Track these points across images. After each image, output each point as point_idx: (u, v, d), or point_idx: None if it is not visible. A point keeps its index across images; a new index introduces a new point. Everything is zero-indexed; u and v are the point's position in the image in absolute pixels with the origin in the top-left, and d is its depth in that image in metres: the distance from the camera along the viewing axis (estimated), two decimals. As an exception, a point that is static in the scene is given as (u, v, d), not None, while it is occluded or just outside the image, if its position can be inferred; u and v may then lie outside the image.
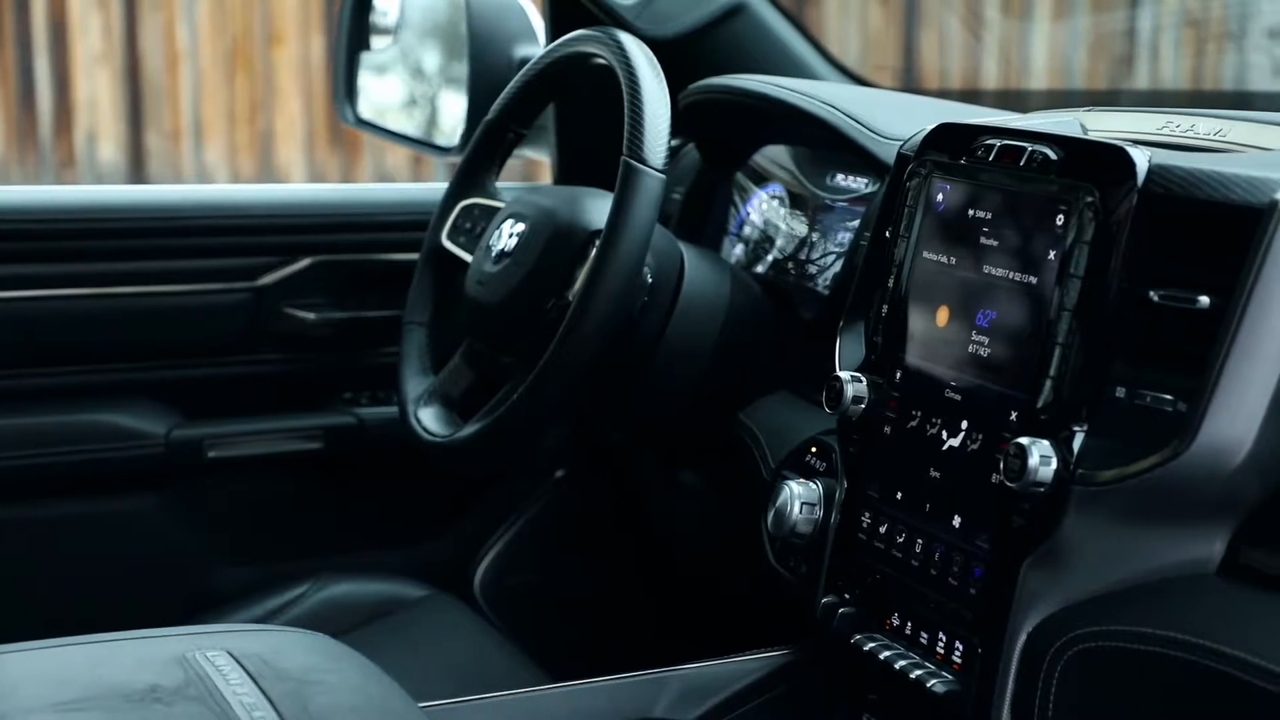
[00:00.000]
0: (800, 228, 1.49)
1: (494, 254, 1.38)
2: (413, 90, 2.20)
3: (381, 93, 2.17)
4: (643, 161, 1.25)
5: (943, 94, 2.86)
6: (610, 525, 1.88)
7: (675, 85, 1.62)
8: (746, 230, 1.58)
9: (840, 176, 1.46)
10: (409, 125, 2.21)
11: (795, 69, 1.78)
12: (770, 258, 1.52)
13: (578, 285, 1.28)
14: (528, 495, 1.88)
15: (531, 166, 2.43)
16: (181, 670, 0.88)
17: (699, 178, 1.64)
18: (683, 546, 1.74)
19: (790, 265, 1.48)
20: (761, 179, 1.58)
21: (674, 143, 1.78)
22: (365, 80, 2.09)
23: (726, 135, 1.59)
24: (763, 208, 1.56)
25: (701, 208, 1.63)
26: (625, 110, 1.28)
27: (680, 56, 1.74)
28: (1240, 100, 2.44)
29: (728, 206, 1.62)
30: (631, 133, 1.26)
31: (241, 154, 5.05)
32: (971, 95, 2.99)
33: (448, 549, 1.84)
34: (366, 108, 2.11)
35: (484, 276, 1.39)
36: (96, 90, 4.92)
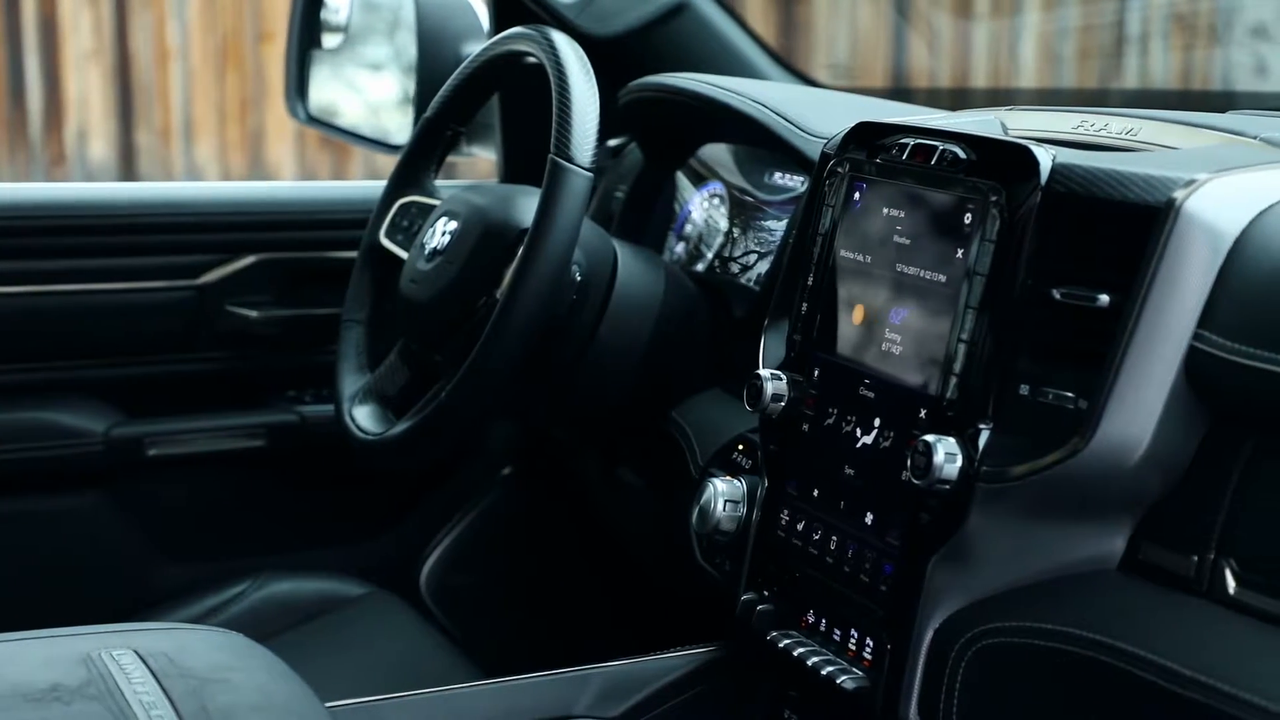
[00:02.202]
0: (738, 226, 1.49)
1: (427, 252, 1.38)
2: (364, 88, 2.20)
3: (333, 90, 2.17)
4: (570, 160, 1.25)
5: (895, 93, 2.87)
6: (556, 523, 1.88)
7: (619, 84, 1.63)
8: (688, 229, 1.58)
9: (778, 175, 1.47)
10: (360, 123, 2.21)
11: (740, 68, 1.79)
12: (709, 256, 1.53)
13: (504, 284, 1.28)
14: (474, 493, 1.88)
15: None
16: (85, 669, 0.88)
17: (641, 176, 1.64)
18: (625, 544, 1.74)
19: (727, 264, 1.49)
20: (702, 178, 1.58)
21: (616, 141, 1.79)
22: (317, 78, 2.09)
23: (666, 134, 1.59)
24: (703, 206, 1.56)
25: (644, 206, 1.64)
26: (554, 108, 1.28)
27: (623, 55, 1.74)
28: (1160, 99, 2.46)
29: (670, 205, 1.62)
30: (559, 131, 1.26)
31: (232, 152, 5.04)
32: (922, 94, 3.00)
33: (392, 547, 1.84)
34: (318, 105, 2.11)
35: (417, 275, 1.39)
36: (87, 88, 4.91)
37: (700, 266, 1.53)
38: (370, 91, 2.19)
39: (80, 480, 1.67)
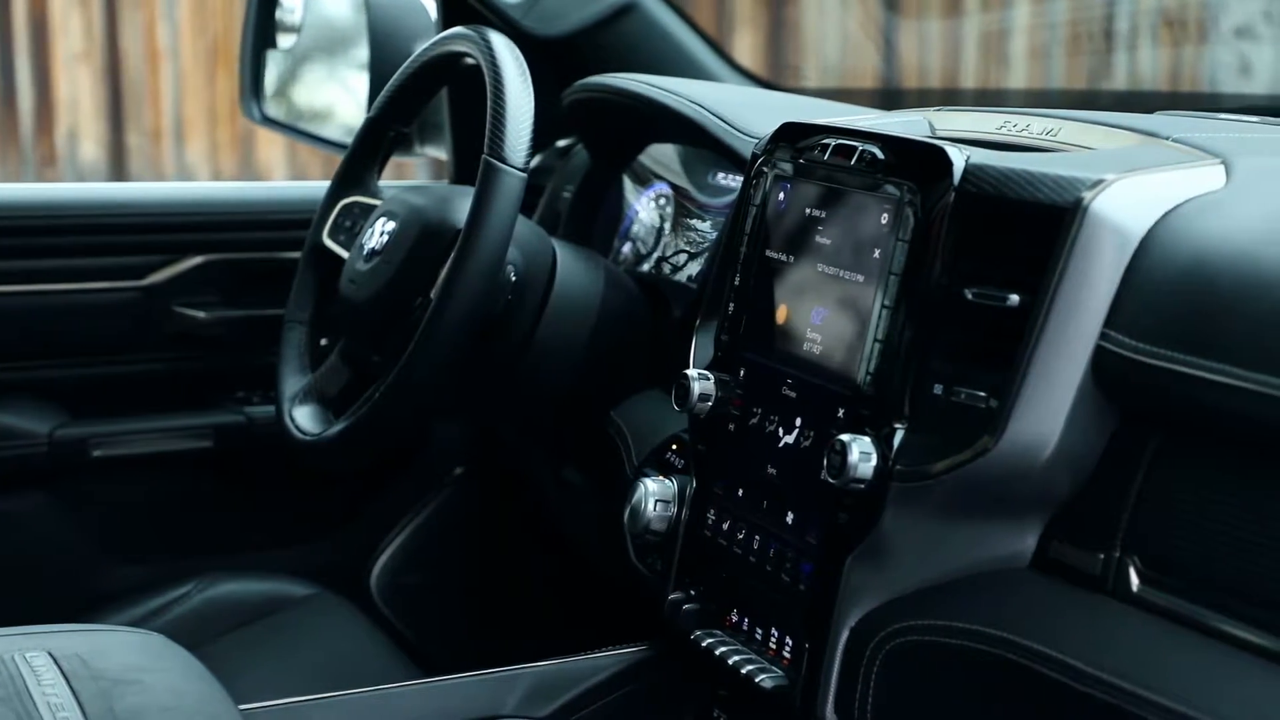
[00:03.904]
0: (681, 227, 1.49)
1: (365, 252, 1.38)
2: (317, 88, 2.19)
3: (288, 90, 2.17)
4: (502, 160, 1.25)
5: (884, 95, 2.88)
6: (508, 522, 1.88)
7: (567, 84, 1.63)
8: (634, 229, 1.58)
9: (720, 176, 1.47)
10: (314, 123, 2.21)
11: (689, 68, 1.79)
12: (654, 256, 1.53)
13: (437, 284, 1.28)
14: (425, 493, 1.88)
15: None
16: (-3, 670, 0.88)
17: (588, 176, 1.64)
18: (574, 543, 1.74)
19: (670, 264, 1.49)
20: (648, 178, 1.58)
21: (565, 142, 1.79)
22: (271, 77, 2.09)
23: (611, 134, 1.60)
24: (649, 207, 1.56)
25: (591, 206, 1.64)
26: (488, 108, 1.28)
27: (571, 56, 1.75)
28: (1091, 99, 2.48)
29: (619, 205, 1.63)
30: (492, 131, 1.26)
31: (223, 153, 5.03)
32: (913, 95, 3.01)
33: (343, 548, 1.84)
34: (273, 105, 2.10)
35: (355, 275, 1.39)
36: (77, 89, 4.90)
37: (646, 267, 1.53)
38: (324, 91, 2.19)
39: (24, 481, 1.67)
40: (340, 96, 2.15)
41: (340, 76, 2.14)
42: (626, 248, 1.58)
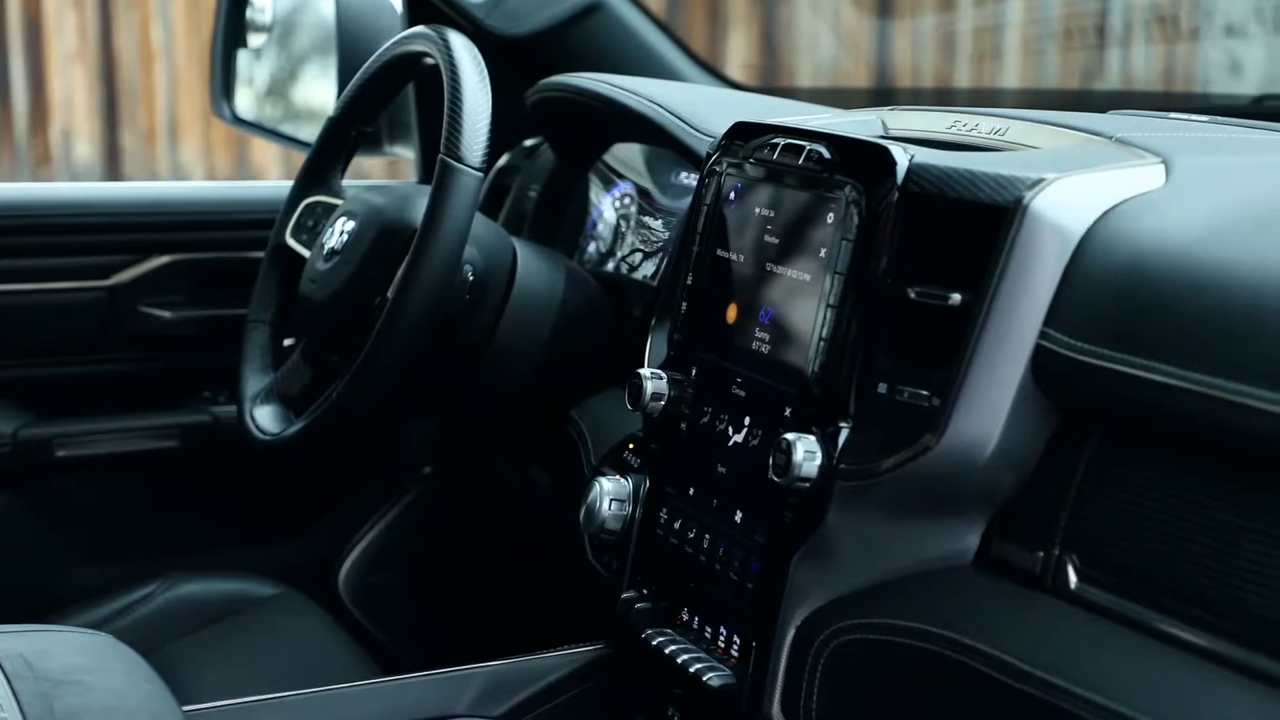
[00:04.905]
0: (644, 226, 1.49)
1: (325, 252, 1.38)
2: (287, 88, 2.19)
3: (258, 90, 2.16)
4: (459, 160, 1.25)
5: (877, 95, 2.88)
6: (476, 521, 1.88)
7: (533, 84, 1.63)
8: (599, 228, 1.58)
9: (684, 175, 1.47)
10: (285, 123, 2.20)
11: (656, 68, 1.79)
12: (618, 256, 1.53)
13: (393, 284, 1.28)
14: (394, 492, 1.88)
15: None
16: (-61, 671, 0.88)
17: (553, 176, 1.64)
18: (539, 543, 1.74)
19: (632, 263, 1.49)
20: (613, 178, 1.58)
21: (533, 142, 1.79)
22: (242, 77, 2.08)
23: (575, 134, 1.60)
24: (614, 206, 1.57)
25: (556, 205, 1.64)
26: (445, 107, 1.28)
27: (536, 55, 1.75)
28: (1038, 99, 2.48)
29: (584, 205, 1.63)
30: (449, 131, 1.26)
31: (217, 152, 5.03)
32: (906, 94, 3.01)
33: (310, 548, 1.83)
34: (244, 105, 2.10)
35: (315, 274, 1.38)
36: (72, 89, 4.89)
37: (610, 266, 1.53)
38: (294, 91, 2.18)
39: (-12, 481, 1.67)
40: (311, 95, 2.15)
41: (311, 76, 2.14)
42: (591, 247, 1.58)
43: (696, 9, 4.31)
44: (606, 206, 1.58)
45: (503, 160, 1.79)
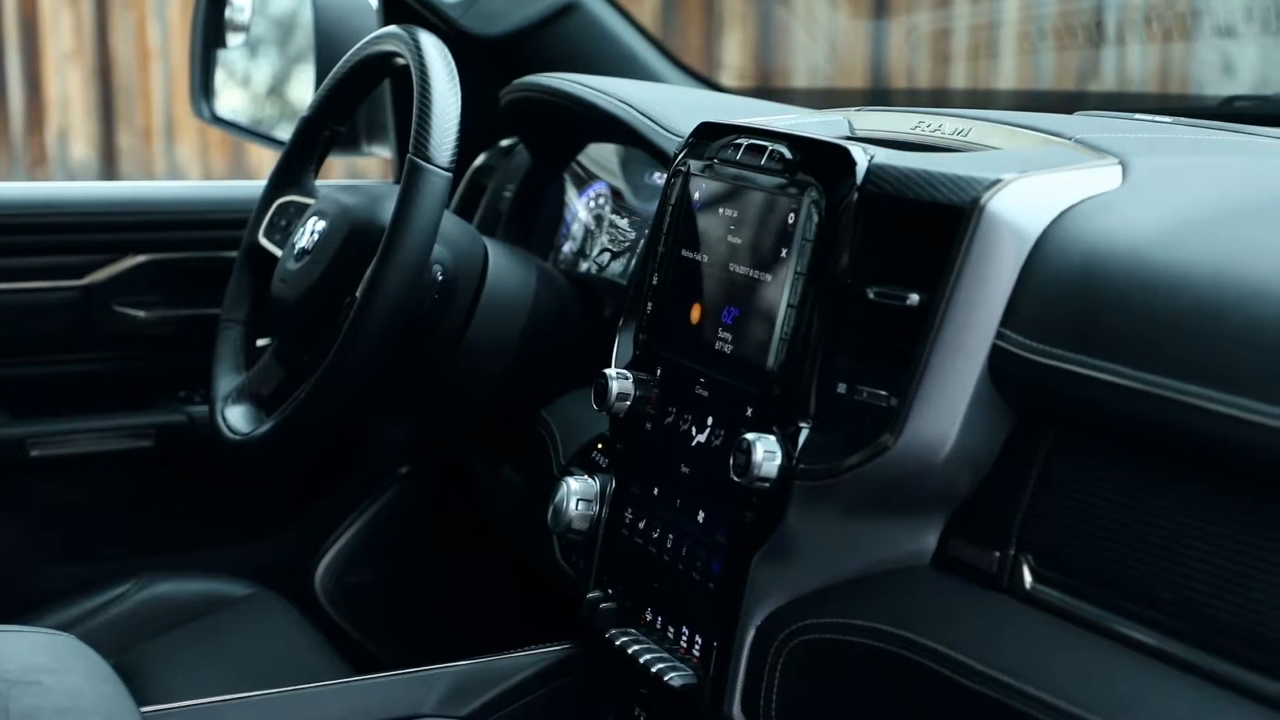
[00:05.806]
0: (616, 227, 1.49)
1: (296, 251, 1.38)
2: (266, 87, 2.19)
3: (238, 90, 2.16)
4: (427, 160, 1.25)
5: (873, 95, 2.88)
6: (453, 520, 1.88)
7: (507, 84, 1.63)
8: (574, 229, 1.58)
9: (656, 175, 1.47)
10: (263, 122, 2.20)
11: (632, 68, 1.79)
12: (592, 255, 1.53)
13: (362, 284, 1.28)
14: (370, 491, 1.88)
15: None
16: (-104, 671, 0.88)
17: (528, 176, 1.65)
18: (514, 542, 1.74)
19: (604, 263, 1.49)
20: (587, 177, 1.58)
21: (508, 142, 1.79)
22: (221, 77, 2.08)
23: (549, 134, 1.60)
24: (588, 207, 1.57)
25: (531, 205, 1.64)
26: (414, 107, 1.28)
27: (512, 55, 1.75)
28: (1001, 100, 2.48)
29: (560, 205, 1.63)
30: (418, 130, 1.27)
31: (213, 152, 5.02)
32: (902, 95, 3.01)
33: (286, 547, 1.83)
34: (223, 105, 2.10)
35: (286, 274, 1.39)
36: (68, 88, 4.88)
37: (584, 266, 1.53)
38: (273, 91, 2.18)
39: (-40, 481, 1.66)
40: (290, 94, 2.15)
41: (290, 75, 2.14)
42: (566, 247, 1.58)
43: (692, 9, 4.31)
44: (581, 206, 1.58)
45: (479, 160, 1.79)
